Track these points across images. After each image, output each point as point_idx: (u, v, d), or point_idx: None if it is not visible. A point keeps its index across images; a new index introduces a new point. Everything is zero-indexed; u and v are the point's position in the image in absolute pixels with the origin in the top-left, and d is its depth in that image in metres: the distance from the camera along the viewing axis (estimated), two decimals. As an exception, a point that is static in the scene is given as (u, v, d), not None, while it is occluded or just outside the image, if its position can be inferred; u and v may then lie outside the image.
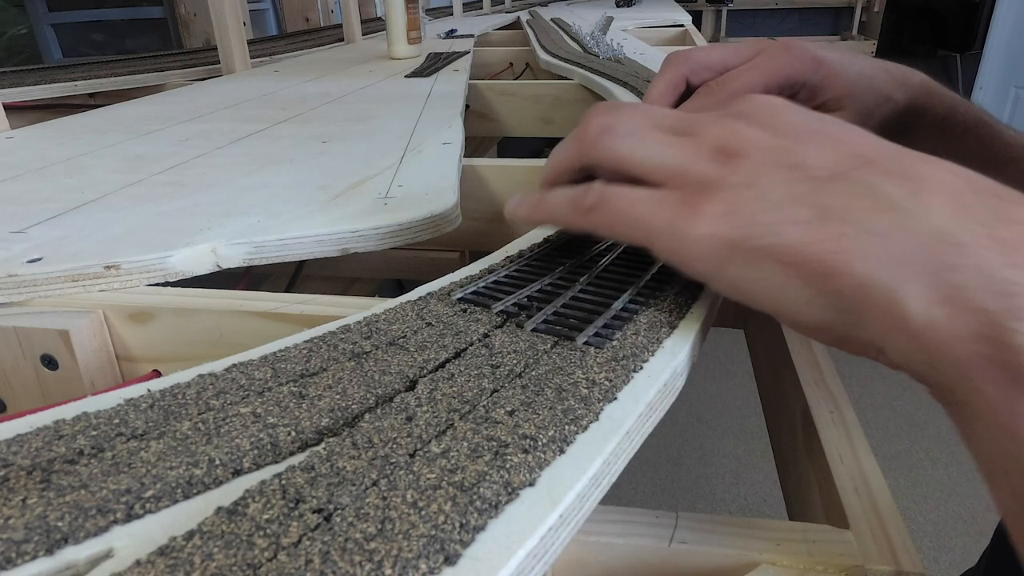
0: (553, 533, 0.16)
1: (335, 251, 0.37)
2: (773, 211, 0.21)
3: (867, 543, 0.22)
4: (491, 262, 0.31)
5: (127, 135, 0.60)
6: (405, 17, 1.08)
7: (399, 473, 0.17)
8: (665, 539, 0.23)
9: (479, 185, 0.52)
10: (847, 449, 0.27)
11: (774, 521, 0.23)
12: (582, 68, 0.88)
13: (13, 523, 0.15)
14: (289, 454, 0.18)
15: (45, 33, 2.17)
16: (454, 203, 0.40)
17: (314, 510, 0.15)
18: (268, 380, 0.21)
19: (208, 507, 0.16)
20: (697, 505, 1.49)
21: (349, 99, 0.76)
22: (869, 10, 3.55)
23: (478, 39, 1.40)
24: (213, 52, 1.07)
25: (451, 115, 0.64)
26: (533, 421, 0.19)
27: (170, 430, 0.19)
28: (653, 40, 1.36)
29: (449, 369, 0.22)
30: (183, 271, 0.34)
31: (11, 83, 0.83)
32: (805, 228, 0.20)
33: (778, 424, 0.38)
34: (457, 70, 0.95)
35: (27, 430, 0.19)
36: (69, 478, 0.17)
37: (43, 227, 0.37)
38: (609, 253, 0.31)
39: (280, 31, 2.31)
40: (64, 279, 0.32)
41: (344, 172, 0.47)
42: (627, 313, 0.25)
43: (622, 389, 0.21)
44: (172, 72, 0.98)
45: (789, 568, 0.22)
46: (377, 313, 0.26)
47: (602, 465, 0.18)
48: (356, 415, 0.19)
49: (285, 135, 0.59)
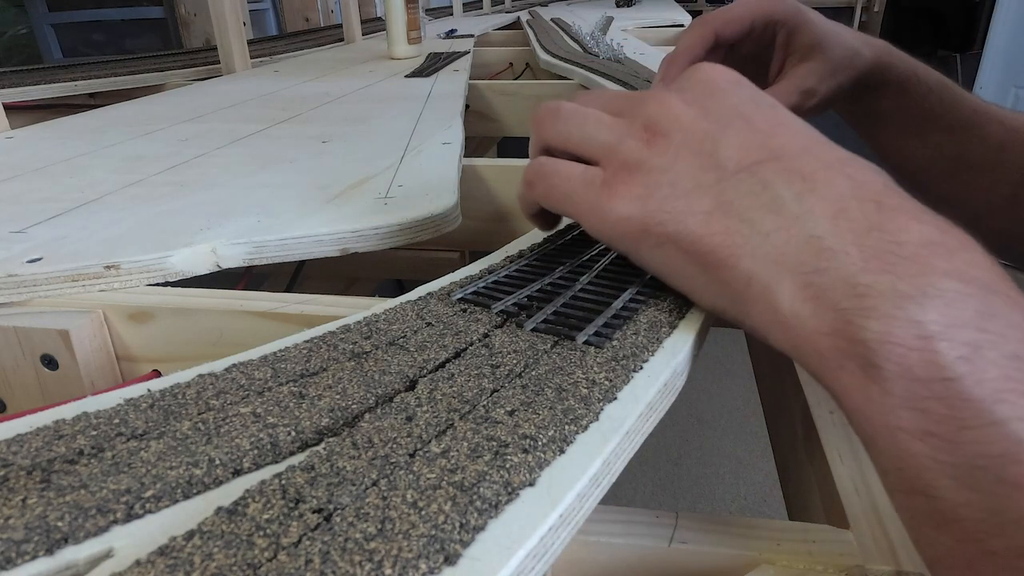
0: (553, 533, 0.16)
1: (335, 251, 0.37)
2: (680, 199, 0.23)
3: (867, 543, 0.22)
4: (491, 262, 0.31)
5: (127, 135, 0.60)
6: (405, 17, 1.08)
7: (399, 473, 0.17)
8: (665, 539, 0.23)
9: (479, 185, 0.52)
10: (847, 449, 0.27)
11: (774, 521, 0.23)
12: (582, 68, 0.88)
13: (13, 523, 0.15)
14: (289, 454, 0.18)
15: (45, 33, 2.17)
16: (454, 203, 0.40)
17: (314, 510, 0.15)
18: (268, 380, 0.21)
19: (208, 507, 0.16)
20: (697, 505, 1.49)
21: (349, 99, 0.76)
22: (869, 10, 3.54)
23: (478, 39, 1.40)
24: (213, 52, 1.07)
25: (451, 115, 0.64)
26: (533, 421, 0.19)
27: (170, 430, 0.19)
28: (653, 40, 1.36)
29: (449, 369, 0.22)
30: (183, 271, 0.34)
31: (11, 83, 0.82)
32: (704, 219, 0.23)
33: (778, 424, 0.38)
34: (457, 70, 0.95)
35: (27, 430, 0.19)
36: (69, 478, 0.17)
37: (43, 227, 0.37)
38: (609, 252, 0.31)
39: (280, 31, 2.31)
40: (64, 279, 0.32)
41: (344, 172, 0.47)
42: (627, 313, 0.25)
43: (622, 389, 0.21)
44: (172, 72, 0.98)
45: (789, 568, 0.22)
46: (377, 313, 0.26)
47: (602, 465, 0.18)
48: (356, 415, 0.19)
49: (285, 135, 0.59)
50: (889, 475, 0.18)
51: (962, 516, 0.16)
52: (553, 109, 0.28)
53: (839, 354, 0.19)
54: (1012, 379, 0.17)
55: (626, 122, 0.26)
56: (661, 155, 0.24)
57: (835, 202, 0.21)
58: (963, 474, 0.16)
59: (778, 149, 0.23)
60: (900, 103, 0.43)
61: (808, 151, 0.23)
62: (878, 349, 0.18)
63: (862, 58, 0.41)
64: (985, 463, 0.16)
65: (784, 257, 0.21)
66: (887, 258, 0.19)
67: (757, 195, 0.22)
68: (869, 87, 0.42)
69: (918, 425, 0.17)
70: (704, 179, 0.23)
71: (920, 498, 0.17)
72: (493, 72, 1.23)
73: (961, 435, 0.16)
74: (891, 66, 0.42)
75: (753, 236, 0.21)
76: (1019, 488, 0.16)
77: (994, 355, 0.17)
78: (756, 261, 0.21)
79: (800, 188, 0.21)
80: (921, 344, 0.17)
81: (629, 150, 0.25)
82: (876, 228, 0.20)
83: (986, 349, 0.17)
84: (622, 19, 1.69)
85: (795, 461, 0.33)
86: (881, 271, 0.19)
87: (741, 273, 0.21)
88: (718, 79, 0.26)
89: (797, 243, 0.21)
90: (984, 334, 0.17)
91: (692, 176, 0.23)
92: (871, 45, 0.42)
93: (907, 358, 0.17)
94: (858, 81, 0.41)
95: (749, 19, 0.40)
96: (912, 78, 0.42)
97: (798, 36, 0.40)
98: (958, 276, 0.18)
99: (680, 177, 0.23)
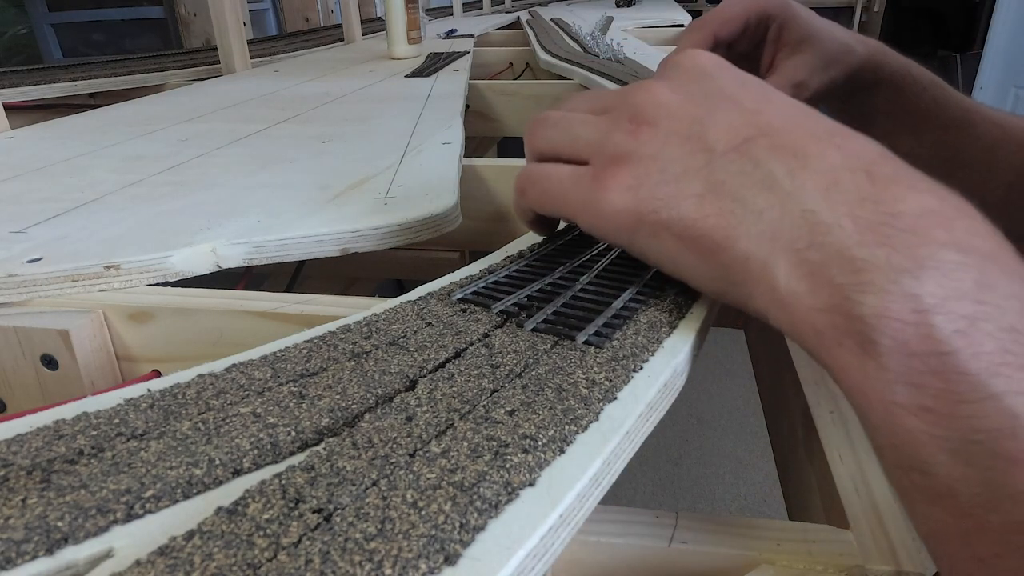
0: (553, 533, 0.16)
1: (335, 251, 0.37)
2: (671, 184, 0.23)
3: (867, 543, 0.22)
4: (491, 262, 0.31)
5: (127, 135, 0.60)
6: (405, 17, 1.08)
7: (399, 473, 0.17)
8: (665, 539, 0.23)
9: (479, 185, 0.52)
10: (847, 449, 0.27)
11: (774, 521, 0.23)
12: (582, 68, 0.88)
13: (13, 523, 0.15)
14: (289, 454, 0.18)
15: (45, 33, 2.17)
16: (454, 203, 0.40)
17: (314, 510, 0.15)
18: (268, 380, 0.21)
19: (208, 507, 0.16)
20: (697, 505, 1.49)
21: (349, 99, 0.76)
22: (869, 10, 3.54)
23: (478, 39, 1.40)
24: (213, 52, 1.07)
25: (451, 115, 0.64)
26: (533, 421, 0.19)
27: (170, 430, 0.19)
28: (653, 40, 1.36)
29: (449, 369, 0.22)
30: (183, 271, 0.34)
31: (11, 83, 0.82)
32: (696, 203, 0.22)
33: (778, 424, 0.38)
34: (457, 70, 0.95)
35: (27, 430, 0.19)
36: (69, 478, 0.17)
37: (43, 227, 0.37)
38: (609, 252, 0.31)
39: (280, 31, 2.31)
40: (64, 279, 0.32)
41: (344, 172, 0.47)
42: (627, 313, 0.25)
43: (622, 389, 0.21)
44: (172, 72, 0.98)
45: (789, 568, 0.22)
46: (377, 313, 0.26)
47: (602, 465, 0.18)
48: (356, 415, 0.19)
49: (285, 135, 0.59)
50: (885, 452, 0.18)
51: (957, 491, 0.16)
52: (540, 119, 0.28)
53: (836, 331, 0.19)
54: (1009, 352, 0.17)
55: (612, 117, 0.25)
56: (649, 143, 0.24)
57: (827, 174, 0.20)
58: (958, 449, 0.16)
59: (766, 126, 0.22)
60: (894, 102, 0.43)
61: (797, 125, 0.22)
62: (875, 324, 0.18)
63: (855, 54, 0.41)
64: (980, 437, 0.16)
65: (779, 234, 0.20)
66: (882, 230, 0.19)
67: (748, 174, 0.22)
68: (863, 85, 0.42)
69: (914, 400, 0.17)
70: (694, 162, 0.23)
71: (915, 474, 0.17)
72: (493, 72, 1.23)
73: (957, 409, 0.16)
74: (884, 64, 0.42)
75: (747, 215, 0.21)
76: (1014, 462, 0.16)
77: (991, 327, 0.17)
78: (751, 240, 0.21)
79: (791, 163, 0.21)
80: (917, 318, 0.17)
81: (616, 143, 0.24)
82: (870, 199, 0.19)
83: (983, 322, 0.17)
84: (622, 19, 1.69)
85: (795, 461, 0.33)
86: (876, 244, 0.18)
87: (738, 254, 0.21)
88: (703, 64, 0.26)
89: (791, 219, 0.20)
90: (982, 306, 0.17)
91: (682, 161, 0.23)
92: (864, 43, 0.42)
93: (903, 332, 0.17)
94: (851, 78, 0.41)
95: (744, 17, 0.40)
96: (906, 77, 0.42)
97: (788, 30, 0.41)
98: (956, 246, 0.18)
99: (670, 163, 0.23)
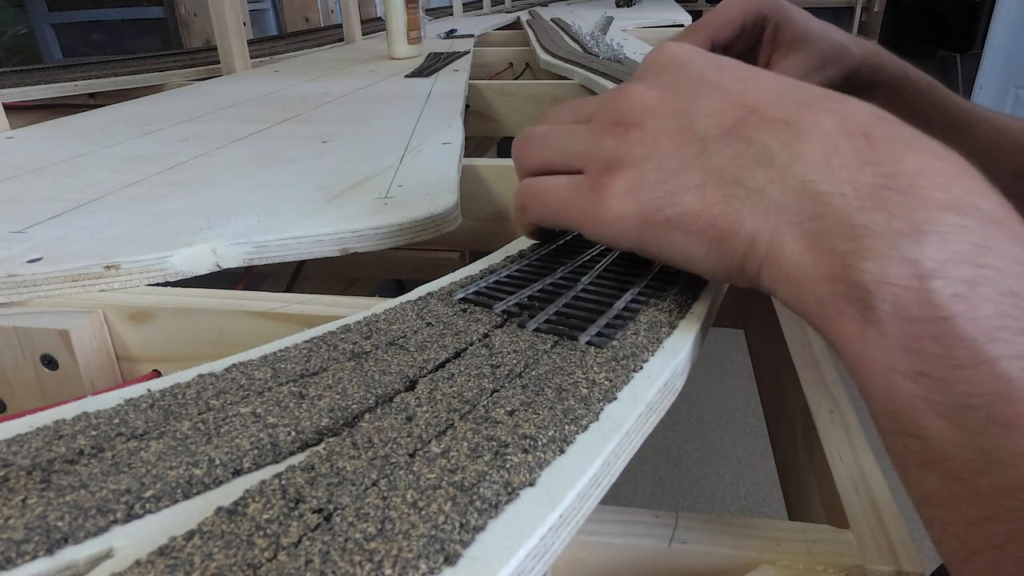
0: (553, 533, 0.16)
1: (335, 251, 0.37)
2: (669, 180, 0.23)
3: (867, 543, 0.22)
4: (491, 262, 0.31)
5: (127, 135, 0.60)
6: (405, 17, 1.08)
7: (399, 473, 0.17)
8: (665, 539, 0.23)
9: (479, 185, 0.52)
10: (847, 449, 0.27)
11: (774, 521, 0.23)
12: (582, 68, 0.88)
13: (13, 523, 0.15)
14: (289, 454, 0.18)
15: (45, 33, 2.17)
16: (454, 203, 0.40)
17: (314, 510, 0.15)
18: (268, 380, 0.21)
19: (208, 507, 0.16)
20: (697, 505, 1.49)
21: (349, 99, 0.76)
22: (869, 10, 3.54)
23: (478, 39, 1.40)
24: (213, 52, 1.07)
25: (451, 115, 0.64)
26: (533, 421, 0.19)
27: (170, 430, 0.19)
28: (653, 40, 1.36)
29: (449, 369, 0.22)
30: (183, 271, 0.34)
31: (11, 83, 0.82)
32: (697, 194, 0.22)
33: (778, 424, 0.38)
34: (457, 70, 0.95)
35: (27, 430, 0.19)
36: (69, 478, 0.17)
37: (43, 227, 0.37)
38: (610, 253, 0.31)
39: (280, 31, 2.31)
40: (64, 279, 0.32)
41: (344, 172, 0.47)
42: (629, 313, 0.25)
43: (622, 389, 0.21)
44: (172, 72, 0.98)
45: (789, 568, 0.22)
46: (377, 313, 0.26)
47: (602, 465, 0.18)
48: (356, 415, 0.19)
49: (285, 135, 0.59)
50: (881, 418, 0.18)
51: (950, 455, 0.16)
52: (525, 136, 0.28)
53: (839, 299, 0.18)
54: (1007, 316, 0.16)
55: (597, 124, 0.25)
56: (639, 145, 0.24)
57: (823, 141, 0.20)
58: (953, 413, 0.16)
59: (753, 103, 0.22)
60: (891, 104, 0.43)
61: (784, 97, 0.22)
62: (875, 291, 0.17)
63: (851, 55, 0.41)
64: (976, 402, 0.16)
65: (782, 208, 0.20)
66: (882, 193, 0.18)
67: (743, 154, 0.21)
68: (859, 87, 0.42)
69: (911, 365, 0.17)
70: (688, 154, 0.23)
71: (910, 439, 0.17)
72: (493, 72, 1.23)
73: (953, 374, 0.16)
74: (882, 67, 0.42)
75: (749, 195, 0.21)
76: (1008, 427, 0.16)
77: (990, 291, 0.17)
78: (756, 219, 0.21)
79: (785, 135, 0.21)
80: (917, 283, 0.17)
81: (607, 149, 0.24)
82: (869, 163, 0.19)
83: (982, 285, 0.17)
84: (622, 19, 1.69)
85: (795, 461, 0.33)
86: (876, 208, 0.18)
87: (745, 235, 0.21)
88: (676, 55, 0.26)
89: (793, 191, 0.20)
90: (981, 269, 0.17)
91: (675, 155, 0.23)
92: (861, 45, 0.42)
93: (903, 298, 0.17)
94: (848, 79, 0.41)
95: (740, 19, 0.40)
96: (903, 79, 0.42)
97: (784, 30, 0.41)
98: (956, 207, 0.18)
99: (664, 160, 0.23)
